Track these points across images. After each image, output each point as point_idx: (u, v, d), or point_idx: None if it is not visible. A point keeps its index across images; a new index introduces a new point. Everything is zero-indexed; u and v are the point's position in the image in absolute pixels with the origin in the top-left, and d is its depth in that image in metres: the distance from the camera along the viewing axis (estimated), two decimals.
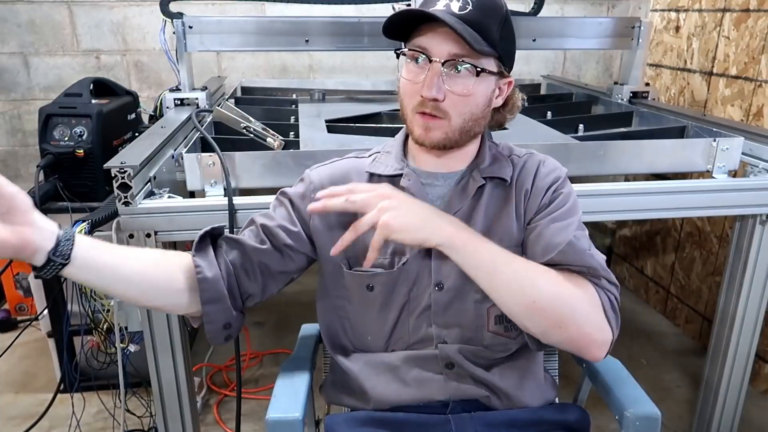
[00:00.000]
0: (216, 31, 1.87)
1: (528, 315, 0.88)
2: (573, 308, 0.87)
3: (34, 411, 1.84)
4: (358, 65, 2.77)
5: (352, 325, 1.04)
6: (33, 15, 2.50)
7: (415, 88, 0.91)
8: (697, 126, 1.73)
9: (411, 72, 0.92)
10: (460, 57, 0.88)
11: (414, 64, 0.92)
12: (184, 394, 1.43)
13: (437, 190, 0.99)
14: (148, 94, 2.60)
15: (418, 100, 0.91)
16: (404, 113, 0.96)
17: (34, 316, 2.13)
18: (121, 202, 1.22)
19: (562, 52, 2.88)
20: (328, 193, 0.87)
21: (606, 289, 0.91)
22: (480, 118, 0.95)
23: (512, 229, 0.97)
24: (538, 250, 0.93)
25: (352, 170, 1.03)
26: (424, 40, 0.90)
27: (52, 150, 1.72)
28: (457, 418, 0.97)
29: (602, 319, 0.89)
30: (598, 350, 0.89)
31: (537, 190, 0.98)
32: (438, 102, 0.90)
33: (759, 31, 1.96)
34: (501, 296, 0.88)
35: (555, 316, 0.87)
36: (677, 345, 2.37)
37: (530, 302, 0.87)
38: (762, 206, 1.46)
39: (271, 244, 0.98)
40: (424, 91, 0.89)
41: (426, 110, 0.91)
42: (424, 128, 0.93)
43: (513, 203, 0.98)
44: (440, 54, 0.88)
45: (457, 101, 0.90)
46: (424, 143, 0.94)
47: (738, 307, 1.57)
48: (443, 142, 0.93)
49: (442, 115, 0.91)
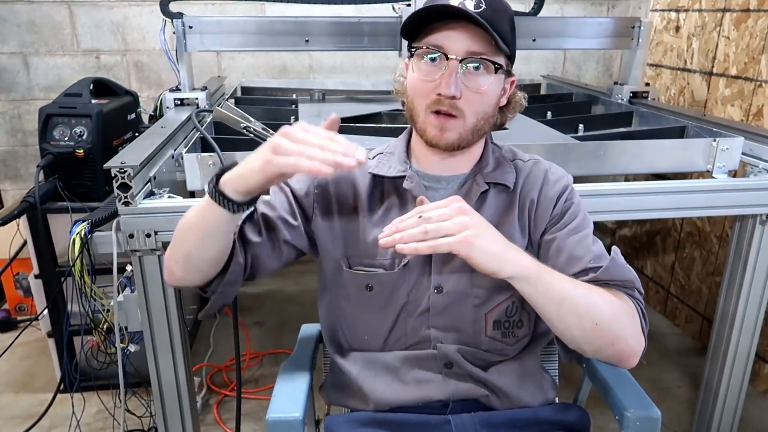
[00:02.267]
0: (216, 31, 1.87)
1: (589, 338, 0.87)
2: (624, 325, 0.88)
3: (34, 411, 1.84)
4: (358, 65, 2.77)
5: (349, 324, 1.04)
6: (33, 15, 2.50)
7: (428, 86, 0.90)
8: (697, 126, 1.73)
9: (424, 70, 0.91)
10: (478, 54, 0.88)
11: (428, 62, 0.90)
12: (184, 394, 1.43)
13: (440, 193, 0.99)
14: (148, 94, 2.60)
15: (433, 99, 0.90)
16: (414, 114, 0.94)
17: (34, 316, 2.13)
18: (121, 202, 1.22)
19: (562, 52, 2.88)
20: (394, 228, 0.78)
21: (638, 300, 0.91)
22: (490, 117, 0.95)
23: (513, 236, 0.97)
24: (561, 262, 0.93)
25: (354, 170, 1.02)
26: (439, 37, 0.89)
27: (52, 150, 1.72)
28: (457, 419, 0.97)
29: (640, 330, 0.89)
30: (636, 359, 0.90)
31: (546, 200, 0.98)
32: (455, 100, 0.89)
33: (759, 31, 1.96)
34: (567, 324, 0.86)
35: (611, 335, 0.87)
36: (677, 345, 2.37)
37: (593, 325, 0.85)
38: (762, 206, 1.46)
39: (267, 236, 0.96)
40: (443, 89, 0.88)
41: (442, 108, 0.90)
42: (439, 129, 0.92)
43: (516, 210, 0.98)
44: (458, 51, 0.88)
45: (473, 99, 0.90)
46: (438, 144, 0.93)
47: (738, 307, 1.57)
48: (458, 142, 0.93)
49: (457, 114, 0.90)
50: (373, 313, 1.00)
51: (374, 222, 0.99)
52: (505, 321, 0.99)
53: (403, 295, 0.98)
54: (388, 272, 0.98)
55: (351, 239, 1.00)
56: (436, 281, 0.97)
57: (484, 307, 0.98)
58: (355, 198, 1.00)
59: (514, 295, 0.98)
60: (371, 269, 0.99)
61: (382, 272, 0.98)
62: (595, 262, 0.91)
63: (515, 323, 1.00)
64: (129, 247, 1.26)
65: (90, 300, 1.33)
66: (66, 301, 1.76)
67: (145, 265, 1.30)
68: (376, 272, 0.98)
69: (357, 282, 1.00)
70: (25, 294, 2.36)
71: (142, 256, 1.28)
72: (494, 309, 0.98)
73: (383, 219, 0.99)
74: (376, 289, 0.99)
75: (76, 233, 1.24)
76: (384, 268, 0.98)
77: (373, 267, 0.99)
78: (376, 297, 0.99)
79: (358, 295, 1.00)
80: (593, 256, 0.92)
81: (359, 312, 1.02)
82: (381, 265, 0.98)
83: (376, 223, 0.99)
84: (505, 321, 0.99)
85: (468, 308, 0.98)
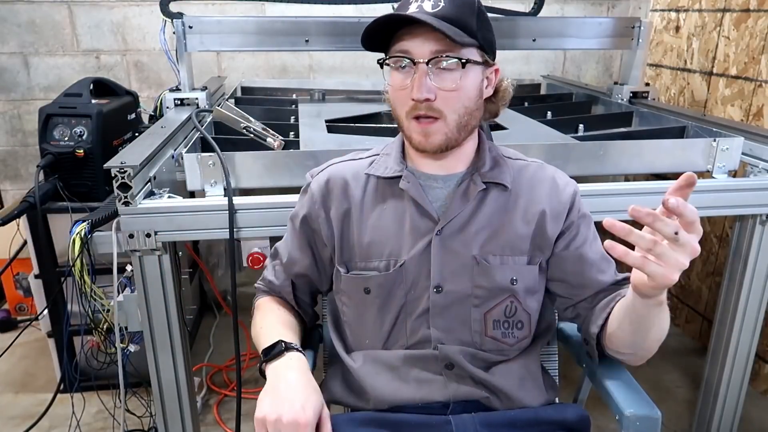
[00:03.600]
0: (216, 31, 1.87)
1: (654, 349, 0.94)
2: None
3: (34, 411, 1.84)
4: (358, 65, 2.77)
5: (351, 328, 1.04)
6: (33, 15, 2.50)
7: (404, 94, 0.91)
8: (697, 126, 1.73)
9: (397, 79, 0.92)
10: (442, 53, 0.88)
11: (399, 71, 0.92)
12: (184, 394, 1.43)
13: (437, 192, 0.99)
14: (148, 94, 2.60)
15: (411, 105, 0.91)
16: (399, 122, 0.96)
17: (34, 316, 2.14)
18: (121, 202, 1.22)
19: (562, 52, 2.88)
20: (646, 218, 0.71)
21: None
22: (474, 110, 0.95)
23: (518, 238, 0.98)
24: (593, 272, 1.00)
25: (349, 174, 1.03)
26: (404, 44, 0.90)
27: (52, 150, 1.72)
28: (457, 419, 0.97)
29: None
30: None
31: (558, 206, 1.00)
32: (430, 102, 0.89)
33: (759, 31, 1.96)
34: (652, 339, 0.92)
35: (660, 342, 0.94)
36: (677, 345, 2.37)
37: (662, 336, 0.92)
38: (762, 206, 1.46)
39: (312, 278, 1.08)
40: (414, 94, 0.89)
41: (420, 113, 0.91)
42: (423, 134, 0.92)
43: (517, 211, 0.99)
44: (423, 54, 0.88)
45: (449, 97, 0.90)
46: (425, 149, 0.94)
47: (738, 307, 1.57)
48: (444, 143, 0.93)
49: (437, 115, 0.91)
50: (373, 316, 1.00)
51: (370, 224, 0.99)
52: (504, 321, 1.00)
53: (400, 296, 0.98)
54: (383, 274, 0.98)
55: (347, 244, 1.01)
56: (436, 281, 0.97)
57: (483, 306, 0.98)
58: (350, 201, 1.01)
59: (512, 295, 0.99)
60: (367, 272, 0.99)
61: (378, 274, 0.98)
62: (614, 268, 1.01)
63: (514, 323, 1.00)
64: (129, 247, 1.26)
65: (90, 300, 1.33)
66: (66, 301, 1.76)
67: (145, 265, 1.30)
68: (372, 275, 0.99)
69: (355, 286, 1.00)
70: (25, 294, 2.36)
71: (142, 256, 1.28)
72: (493, 309, 0.98)
73: (379, 220, 0.99)
74: (374, 292, 0.99)
75: (76, 233, 1.24)
76: (379, 270, 0.98)
77: (369, 270, 0.99)
78: (374, 299, 0.99)
79: (357, 299, 1.01)
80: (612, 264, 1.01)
81: (360, 315, 1.02)
82: (376, 267, 0.99)
83: (372, 225, 0.99)
84: (504, 321, 1.00)
85: (468, 308, 0.98)
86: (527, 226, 0.99)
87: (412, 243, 0.97)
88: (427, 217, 0.97)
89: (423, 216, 0.98)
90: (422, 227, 0.97)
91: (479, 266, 0.97)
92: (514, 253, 0.98)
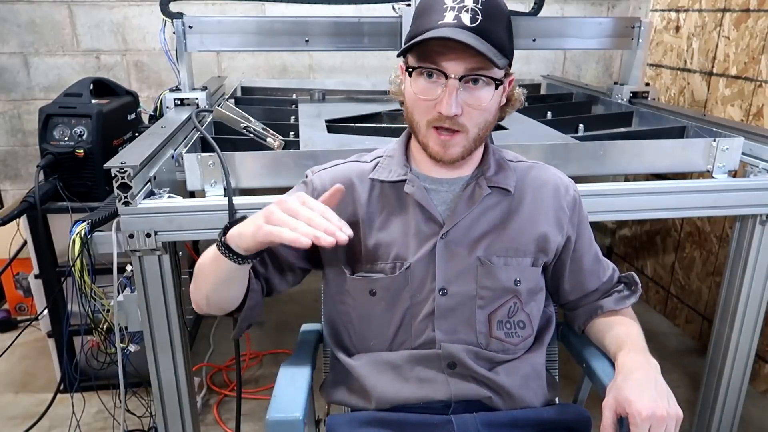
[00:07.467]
0: (216, 31, 1.87)
1: None
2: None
3: (34, 411, 1.84)
4: (358, 65, 2.77)
5: (356, 329, 1.04)
6: (33, 15, 2.50)
7: (428, 104, 0.90)
8: (697, 126, 1.73)
9: (423, 87, 0.90)
10: (477, 70, 0.87)
11: (426, 79, 0.89)
12: (184, 394, 1.43)
13: (442, 196, 0.99)
14: (148, 94, 2.60)
15: (434, 116, 0.90)
16: (415, 127, 0.94)
17: (34, 316, 2.14)
18: (121, 202, 1.22)
19: (562, 52, 2.88)
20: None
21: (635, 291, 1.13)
22: (491, 123, 0.95)
23: (522, 240, 0.99)
24: (587, 278, 1.08)
25: (354, 175, 1.02)
26: (439, 58, 0.87)
27: (52, 150, 1.72)
28: (459, 419, 0.97)
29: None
30: None
31: (562, 210, 1.01)
32: (457, 117, 0.89)
33: (759, 31, 1.96)
34: None
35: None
36: (677, 345, 2.37)
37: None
38: (762, 206, 1.46)
39: (273, 267, 1.02)
40: (444, 109, 0.87)
41: (444, 125, 0.90)
42: (442, 145, 0.92)
43: (524, 214, 0.99)
44: (457, 71, 0.87)
45: (474, 113, 0.90)
46: (442, 159, 0.94)
47: (738, 307, 1.57)
48: (461, 155, 0.93)
49: (459, 129, 0.90)
50: (378, 318, 1.00)
51: (375, 227, 0.99)
52: (507, 322, 1.00)
53: (406, 299, 0.98)
54: (389, 276, 0.98)
55: (352, 247, 0.99)
56: (441, 284, 0.97)
57: (488, 308, 0.98)
58: (354, 204, 1.00)
59: (515, 296, 0.99)
60: (373, 274, 0.99)
61: (384, 276, 0.98)
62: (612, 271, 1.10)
63: (517, 323, 1.01)
64: (129, 247, 1.26)
65: (90, 300, 1.33)
66: (66, 301, 1.76)
67: (145, 265, 1.30)
68: (378, 277, 0.98)
69: (360, 288, 1.00)
70: (25, 294, 2.36)
71: (142, 256, 1.28)
72: (497, 310, 0.99)
73: (385, 224, 0.99)
74: (380, 294, 0.99)
75: (76, 233, 1.24)
76: (385, 273, 0.98)
77: (375, 272, 0.99)
78: (379, 301, 0.99)
79: (362, 301, 1.00)
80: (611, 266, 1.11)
81: (364, 317, 1.02)
82: (382, 269, 0.98)
83: (378, 228, 0.99)
84: (507, 322, 1.00)
85: (472, 309, 0.98)
86: (531, 229, 0.99)
87: (418, 246, 0.97)
88: (432, 221, 0.97)
89: (428, 220, 0.97)
90: (427, 231, 0.97)
91: (484, 267, 0.97)
92: (518, 254, 0.99)
